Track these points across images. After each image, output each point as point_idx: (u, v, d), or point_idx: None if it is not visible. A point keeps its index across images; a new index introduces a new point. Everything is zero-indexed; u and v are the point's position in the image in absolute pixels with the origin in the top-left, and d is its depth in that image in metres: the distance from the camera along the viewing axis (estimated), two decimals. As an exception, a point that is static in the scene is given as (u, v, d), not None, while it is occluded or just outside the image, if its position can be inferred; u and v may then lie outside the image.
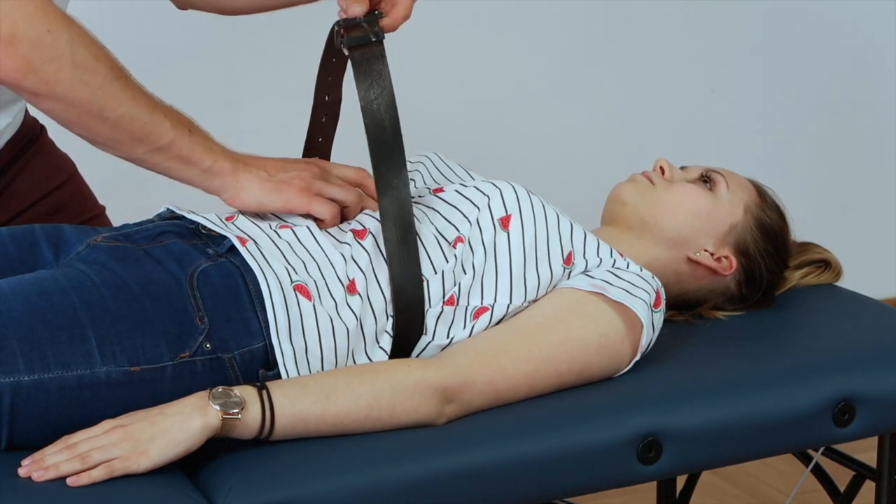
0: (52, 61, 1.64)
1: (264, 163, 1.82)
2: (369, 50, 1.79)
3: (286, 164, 1.83)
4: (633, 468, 1.75)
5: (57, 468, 1.56)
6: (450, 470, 1.66)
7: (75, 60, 1.65)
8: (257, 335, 1.70)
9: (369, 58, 1.79)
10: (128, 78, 1.71)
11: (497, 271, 1.80)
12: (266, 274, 1.71)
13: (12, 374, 1.59)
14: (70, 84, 1.66)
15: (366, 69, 1.79)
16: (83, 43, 1.66)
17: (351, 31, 1.80)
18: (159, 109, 1.73)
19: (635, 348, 1.82)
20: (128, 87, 1.70)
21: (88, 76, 1.66)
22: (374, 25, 1.80)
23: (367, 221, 1.81)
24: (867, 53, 3.43)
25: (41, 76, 1.65)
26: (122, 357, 1.64)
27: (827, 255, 2.14)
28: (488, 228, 1.80)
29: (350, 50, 1.79)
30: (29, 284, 1.66)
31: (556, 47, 3.16)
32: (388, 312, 1.76)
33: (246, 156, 1.82)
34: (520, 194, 1.83)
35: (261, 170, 1.80)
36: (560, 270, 1.82)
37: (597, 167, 3.07)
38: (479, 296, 1.80)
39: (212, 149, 1.77)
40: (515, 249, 1.80)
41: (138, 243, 1.76)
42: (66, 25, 1.65)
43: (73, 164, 2.13)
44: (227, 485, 1.59)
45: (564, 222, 1.84)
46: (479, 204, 1.82)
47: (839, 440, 1.87)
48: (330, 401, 1.65)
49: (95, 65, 1.67)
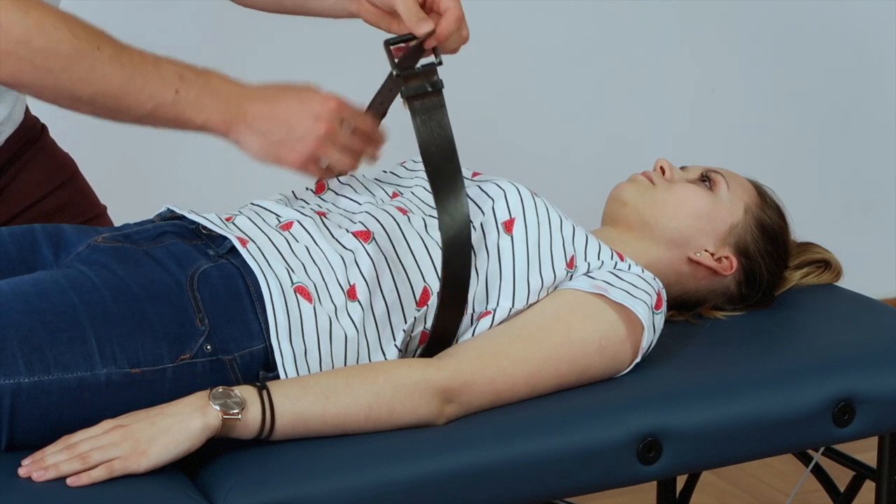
0: (9, 54, 1.63)
1: (269, 113, 1.76)
2: (428, 100, 1.77)
3: (294, 117, 1.77)
4: (634, 468, 1.75)
5: (57, 468, 1.55)
6: (450, 470, 1.66)
7: (32, 50, 1.64)
8: (258, 337, 1.70)
9: (429, 108, 1.77)
10: (98, 49, 1.68)
11: (501, 275, 1.80)
12: (266, 275, 1.71)
13: (12, 375, 1.59)
14: (33, 74, 1.65)
15: (425, 118, 1.77)
16: (40, 29, 1.64)
17: (409, 81, 1.77)
18: (139, 75, 1.70)
19: (636, 350, 1.82)
20: (98, 62, 1.67)
21: (49, 63, 1.65)
22: (431, 75, 1.78)
23: (370, 222, 1.80)
24: (867, 53, 3.43)
25: (4, 69, 1.65)
26: (122, 358, 1.63)
27: (827, 255, 2.14)
28: (492, 233, 1.80)
29: (408, 100, 1.77)
30: (29, 285, 1.66)
31: (556, 47, 3.16)
32: (391, 322, 1.75)
33: (249, 100, 1.76)
34: (524, 196, 1.83)
35: (260, 128, 1.76)
36: (563, 274, 1.82)
37: (597, 167, 3.07)
38: (484, 301, 1.80)
39: (204, 104, 1.73)
40: (519, 253, 1.80)
41: (139, 244, 1.76)
42: (21, 14, 1.64)
43: (74, 163, 2.12)
44: (226, 485, 1.59)
45: (567, 225, 1.84)
46: (484, 207, 1.82)
47: (839, 440, 1.87)
48: (330, 401, 1.65)
49: (56, 48, 1.65)
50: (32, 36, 1.64)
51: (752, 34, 3.33)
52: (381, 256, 1.76)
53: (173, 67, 1.73)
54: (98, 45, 1.68)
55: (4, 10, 1.64)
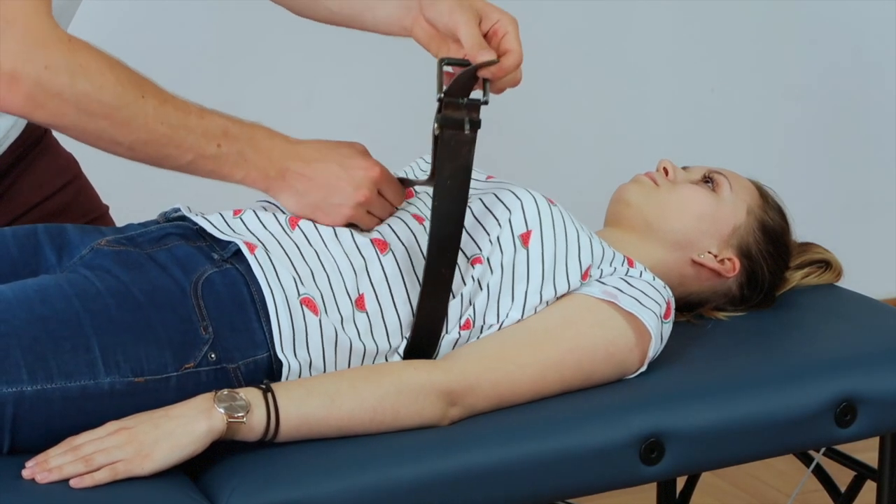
0: (53, 97, 1.63)
1: (310, 175, 1.75)
2: (461, 135, 1.72)
3: (334, 182, 1.76)
4: (636, 469, 1.75)
5: (60, 470, 1.55)
6: (452, 470, 1.66)
7: (76, 94, 1.63)
8: (262, 346, 1.69)
9: (458, 142, 1.72)
10: (143, 98, 1.67)
11: (514, 292, 1.79)
12: (272, 286, 1.70)
13: (15, 384, 1.58)
14: (75, 117, 1.65)
15: (451, 153, 1.73)
16: (85, 73, 1.64)
17: (450, 109, 1.73)
18: (182, 126, 1.69)
19: (643, 358, 1.81)
20: (142, 110, 1.67)
21: (93, 108, 1.64)
22: (474, 112, 1.73)
23: (388, 234, 1.78)
24: (867, 53, 3.43)
25: (48, 110, 1.64)
26: (126, 367, 1.63)
27: (827, 255, 2.14)
28: (508, 249, 1.78)
29: (441, 128, 1.73)
30: (33, 291, 1.65)
31: (557, 48, 3.16)
32: (402, 334, 1.75)
33: (291, 158, 1.75)
34: (541, 207, 1.81)
35: (298, 188, 1.75)
36: (577, 285, 1.81)
37: (598, 168, 3.07)
38: (494, 314, 1.79)
39: (245, 160, 1.73)
40: (534, 266, 1.79)
41: (142, 247, 1.74)
42: (67, 56, 1.63)
43: (77, 164, 2.12)
44: (229, 487, 1.59)
45: (584, 237, 1.82)
46: (501, 219, 1.80)
47: (841, 441, 1.87)
48: (335, 403, 1.64)
49: (100, 95, 1.64)
50: (79, 80, 1.63)
51: (752, 34, 3.33)
52: (397, 269, 1.76)
53: (219, 120, 1.72)
54: (142, 92, 1.67)
55: (53, 49, 1.63)
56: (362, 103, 2.97)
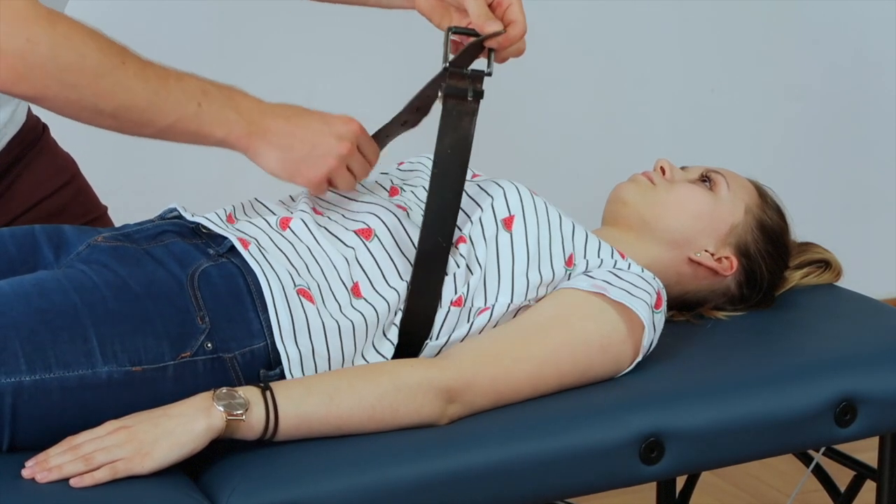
0: (35, 68, 1.63)
1: (292, 130, 1.77)
2: (465, 105, 1.76)
3: (317, 135, 1.78)
4: (636, 468, 1.75)
5: (60, 469, 1.55)
6: (452, 470, 1.66)
7: (59, 64, 1.64)
8: (259, 335, 1.70)
9: (460, 112, 1.75)
10: (123, 64, 1.68)
11: (500, 271, 1.80)
12: (268, 276, 1.71)
13: (14, 374, 1.59)
14: (58, 88, 1.65)
15: (453, 123, 1.76)
16: (67, 44, 1.64)
17: (454, 79, 1.76)
18: (163, 88, 1.70)
19: (637, 349, 1.82)
20: (124, 75, 1.68)
21: (75, 77, 1.65)
22: (478, 82, 1.76)
23: (371, 220, 1.80)
24: (867, 53, 3.43)
25: (31, 83, 1.64)
26: (123, 357, 1.63)
27: (827, 255, 2.14)
28: (490, 226, 1.81)
29: (445, 98, 1.76)
30: (30, 285, 1.66)
31: (556, 47, 3.16)
32: (399, 307, 1.76)
33: (271, 117, 1.76)
34: (523, 195, 1.83)
35: (281, 144, 1.76)
36: (562, 272, 1.82)
37: (597, 167, 3.07)
38: (482, 297, 1.80)
39: (226, 118, 1.74)
40: (518, 250, 1.81)
41: (139, 243, 1.76)
42: (48, 28, 1.64)
43: (75, 164, 2.12)
44: (229, 486, 1.59)
45: (567, 223, 1.84)
46: (483, 204, 1.83)
47: (841, 440, 1.87)
48: (334, 402, 1.65)
49: (81, 64, 1.65)
50: (60, 51, 1.64)
51: (752, 34, 3.33)
52: (384, 252, 1.77)
53: (197, 82, 1.73)
54: (122, 59, 1.68)
55: (33, 24, 1.64)
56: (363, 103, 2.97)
